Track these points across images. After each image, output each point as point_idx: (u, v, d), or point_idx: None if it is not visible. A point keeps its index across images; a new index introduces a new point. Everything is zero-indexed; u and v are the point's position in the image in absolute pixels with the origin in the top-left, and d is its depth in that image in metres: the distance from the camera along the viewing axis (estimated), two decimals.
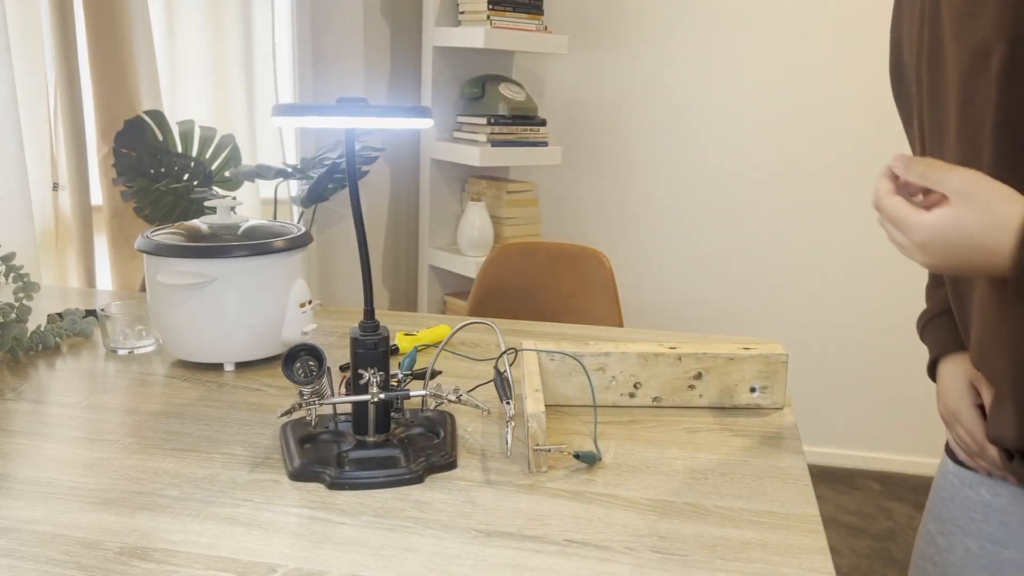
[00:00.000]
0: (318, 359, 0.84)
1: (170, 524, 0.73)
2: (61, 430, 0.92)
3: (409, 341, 1.24)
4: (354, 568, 0.67)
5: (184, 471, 0.83)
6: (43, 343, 1.19)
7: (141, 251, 1.09)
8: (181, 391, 1.05)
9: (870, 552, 2.29)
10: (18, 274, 1.21)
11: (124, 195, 1.95)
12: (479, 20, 2.46)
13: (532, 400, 0.87)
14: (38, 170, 1.89)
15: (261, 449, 0.89)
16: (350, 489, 0.80)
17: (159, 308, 1.10)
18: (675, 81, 2.75)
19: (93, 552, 0.68)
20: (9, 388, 1.05)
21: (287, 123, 0.80)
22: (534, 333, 1.34)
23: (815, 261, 2.72)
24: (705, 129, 2.75)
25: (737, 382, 1.02)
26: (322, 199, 2.26)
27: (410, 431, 0.91)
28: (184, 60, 2.20)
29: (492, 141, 2.50)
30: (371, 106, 0.78)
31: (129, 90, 2.00)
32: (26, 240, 1.81)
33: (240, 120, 2.30)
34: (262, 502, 0.77)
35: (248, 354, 1.11)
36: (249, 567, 0.66)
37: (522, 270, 1.93)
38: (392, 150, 2.75)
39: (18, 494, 0.77)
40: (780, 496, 0.81)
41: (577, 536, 0.72)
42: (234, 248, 1.06)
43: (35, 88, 1.85)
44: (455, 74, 2.67)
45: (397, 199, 2.83)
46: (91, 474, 0.82)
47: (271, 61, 2.40)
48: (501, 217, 2.65)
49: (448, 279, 2.81)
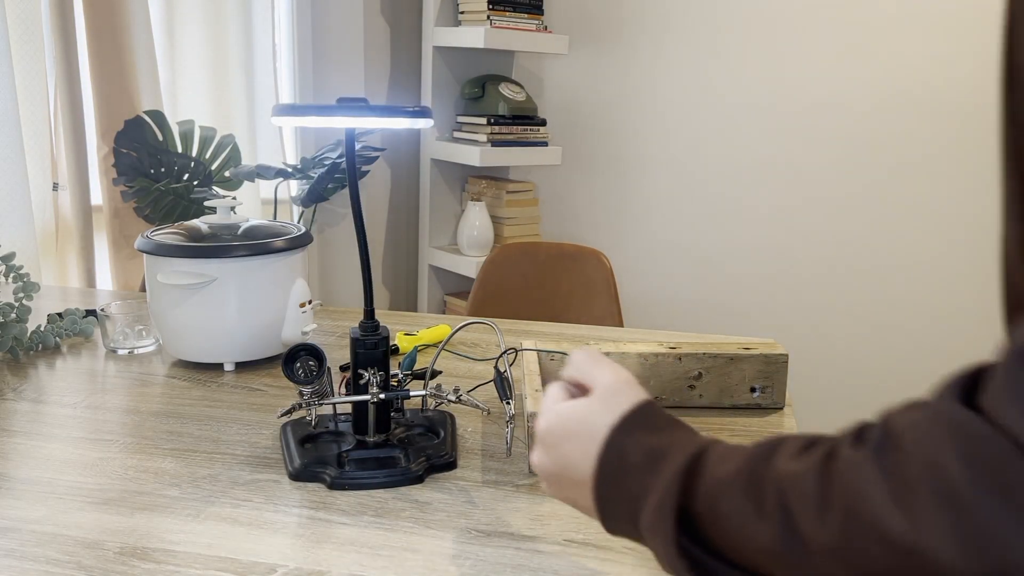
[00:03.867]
0: (318, 359, 0.84)
1: (170, 524, 0.73)
2: (61, 430, 0.92)
3: (409, 341, 1.24)
4: (354, 568, 0.67)
5: (184, 471, 0.83)
6: (43, 343, 1.19)
7: (141, 251, 1.09)
8: (181, 391, 1.05)
9: None
10: (18, 274, 1.21)
11: (124, 195, 1.95)
12: (479, 20, 2.46)
13: (532, 400, 0.87)
14: (38, 170, 1.89)
15: (261, 449, 0.89)
16: (350, 489, 0.80)
17: (159, 308, 1.10)
18: (675, 81, 2.75)
19: (93, 552, 0.68)
20: (9, 388, 1.05)
21: (287, 123, 0.80)
22: (534, 333, 1.34)
23: (815, 261, 2.72)
24: (705, 129, 2.75)
25: (737, 382, 1.02)
26: (322, 199, 2.26)
27: (410, 431, 0.91)
28: (184, 60, 2.20)
29: (492, 141, 2.50)
30: (371, 106, 0.78)
31: (129, 90, 2.00)
32: (26, 240, 1.81)
33: (240, 120, 2.30)
34: (262, 502, 0.77)
35: (248, 354, 1.11)
36: (249, 567, 0.66)
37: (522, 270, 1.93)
38: (392, 150, 2.75)
39: (18, 494, 0.77)
40: None
41: (577, 536, 0.72)
42: (234, 248, 1.06)
43: (35, 88, 1.85)
44: (455, 74, 2.67)
45: (397, 199, 2.83)
46: (91, 474, 0.82)
47: (271, 61, 2.40)
48: (501, 217, 2.65)
49: (448, 279, 2.81)
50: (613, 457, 0.53)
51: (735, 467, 0.47)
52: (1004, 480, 0.34)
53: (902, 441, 0.39)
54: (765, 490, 0.44)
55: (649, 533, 0.50)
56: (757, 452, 0.47)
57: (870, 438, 0.41)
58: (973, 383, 0.39)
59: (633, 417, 0.54)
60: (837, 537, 0.40)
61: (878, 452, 0.40)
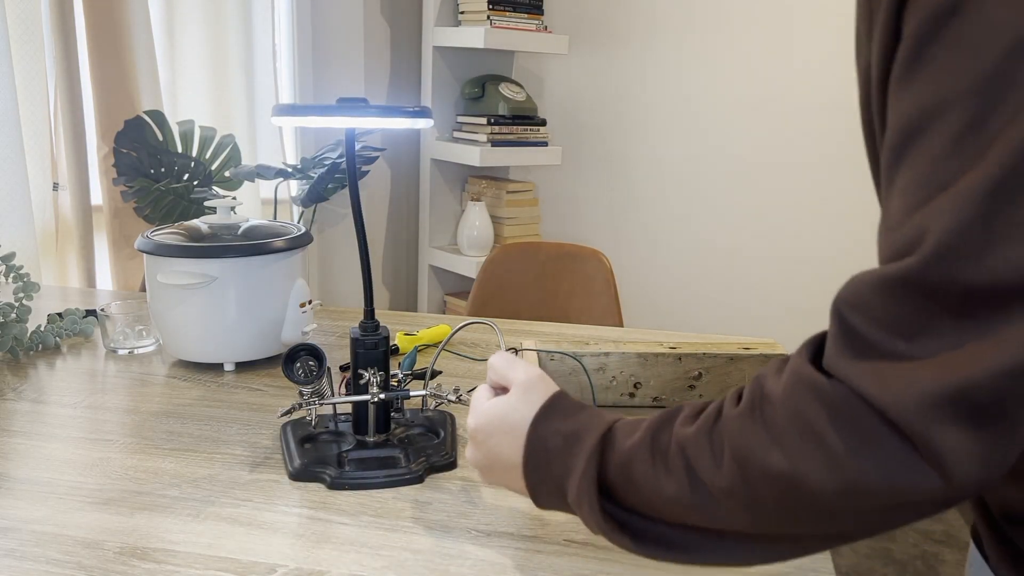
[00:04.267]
0: (318, 359, 0.84)
1: (170, 524, 0.73)
2: (61, 430, 0.92)
3: (409, 341, 1.24)
4: (354, 568, 0.67)
5: (184, 471, 0.83)
6: (43, 343, 1.19)
7: (141, 251, 1.09)
8: (181, 391, 1.05)
9: (870, 552, 2.29)
10: (18, 274, 1.21)
11: (124, 195, 1.95)
12: (479, 20, 2.46)
13: None
14: (38, 170, 1.89)
15: (261, 449, 0.89)
16: (350, 489, 0.80)
17: (159, 308, 1.10)
18: (675, 81, 2.75)
19: (93, 552, 0.68)
20: (9, 388, 1.05)
21: (287, 123, 0.80)
22: (534, 333, 1.34)
23: (816, 261, 2.72)
24: (705, 129, 2.75)
25: (737, 382, 1.02)
26: (322, 199, 2.26)
27: (410, 431, 0.91)
28: (184, 60, 2.20)
29: (492, 141, 2.50)
30: (371, 106, 0.78)
31: (129, 90, 2.00)
32: (26, 240, 1.81)
33: (240, 120, 2.30)
34: (262, 502, 0.77)
35: (248, 354, 1.11)
36: (249, 567, 0.66)
37: (522, 270, 1.93)
38: (392, 150, 2.75)
39: (18, 494, 0.77)
40: None
41: (577, 536, 0.72)
42: (234, 248, 1.06)
43: (35, 88, 1.85)
44: (455, 74, 2.67)
45: (397, 199, 2.83)
46: (91, 474, 0.82)
47: (271, 61, 2.40)
48: (501, 217, 2.65)
49: (448, 279, 2.81)
50: (536, 446, 0.61)
51: (639, 438, 0.55)
52: (848, 415, 0.44)
53: (772, 397, 0.48)
54: (668, 452, 0.53)
55: (576, 504, 0.58)
56: (656, 423, 0.56)
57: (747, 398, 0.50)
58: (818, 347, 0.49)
59: (548, 408, 0.62)
60: (732, 480, 0.49)
61: (754, 408, 0.49)
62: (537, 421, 0.61)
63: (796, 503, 0.47)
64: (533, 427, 0.61)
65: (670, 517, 0.54)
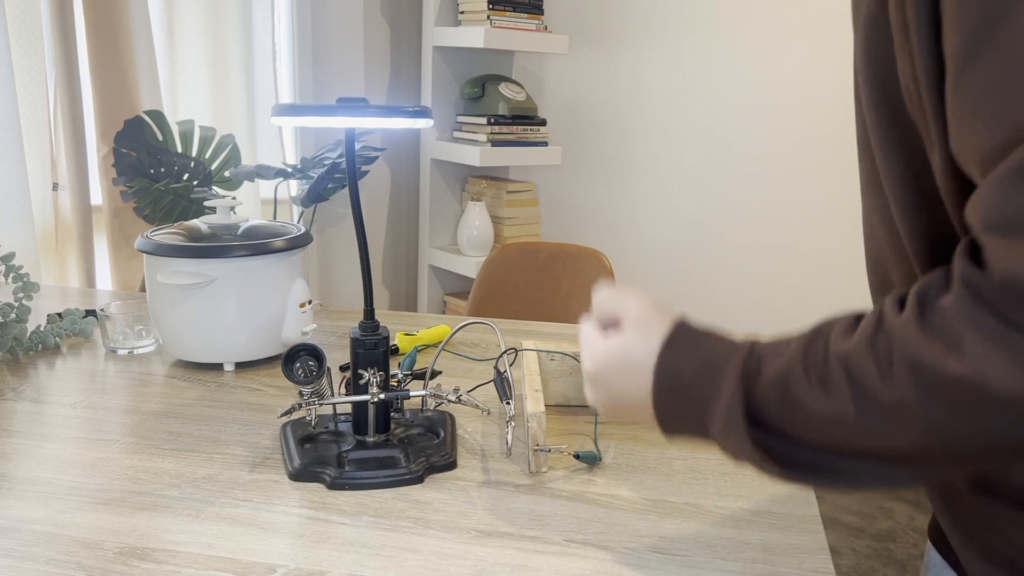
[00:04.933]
0: (318, 359, 0.84)
1: (170, 524, 0.73)
2: (61, 430, 0.92)
3: (409, 341, 1.24)
4: (354, 568, 0.67)
5: (184, 471, 0.83)
6: (43, 343, 1.19)
7: (141, 251, 1.09)
8: (181, 391, 1.05)
9: (870, 552, 2.29)
10: (18, 274, 1.21)
11: (124, 195, 1.95)
12: (479, 20, 2.46)
13: (532, 400, 0.87)
14: (38, 170, 1.89)
15: (261, 449, 0.89)
16: (350, 489, 0.80)
17: (159, 308, 1.10)
18: (675, 81, 2.75)
19: (93, 552, 0.68)
20: (9, 388, 1.05)
21: (287, 123, 0.80)
22: (534, 333, 1.34)
23: (816, 261, 2.72)
24: (705, 129, 2.75)
25: None
26: (322, 199, 2.26)
27: (410, 431, 0.91)
28: (184, 60, 2.20)
29: (492, 141, 2.50)
30: (371, 106, 0.78)
31: (129, 90, 2.00)
32: (26, 240, 1.81)
33: (240, 120, 2.30)
34: (262, 502, 0.77)
35: (248, 354, 1.11)
36: (249, 567, 0.66)
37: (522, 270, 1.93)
38: (392, 150, 2.75)
39: (18, 494, 0.77)
40: (780, 496, 0.80)
41: (577, 536, 0.72)
42: (234, 248, 1.06)
43: (35, 88, 1.85)
44: (455, 74, 2.67)
45: (397, 199, 2.83)
46: (91, 474, 0.82)
47: (271, 61, 2.40)
48: (501, 217, 2.65)
49: (448, 279, 2.81)
50: (667, 382, 0.57)
51: (789, 357, 0.52)
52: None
53: (937, 303, 0.45)
54: (827, 369, 0.50)
55: (722, 437, 0.55)
56: (806, 340, 0.52)
57: (912, 304, 0.47)
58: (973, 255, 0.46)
59: (672, 340, 0.58)
60: (905, 390, 0.46)
61: (922, 313, 0.46)
62: (664, 355, 0.58)
63: (976, 409, 0.43)
64: (660, 361, 0.58)
65: (823, 439, 0.51)
